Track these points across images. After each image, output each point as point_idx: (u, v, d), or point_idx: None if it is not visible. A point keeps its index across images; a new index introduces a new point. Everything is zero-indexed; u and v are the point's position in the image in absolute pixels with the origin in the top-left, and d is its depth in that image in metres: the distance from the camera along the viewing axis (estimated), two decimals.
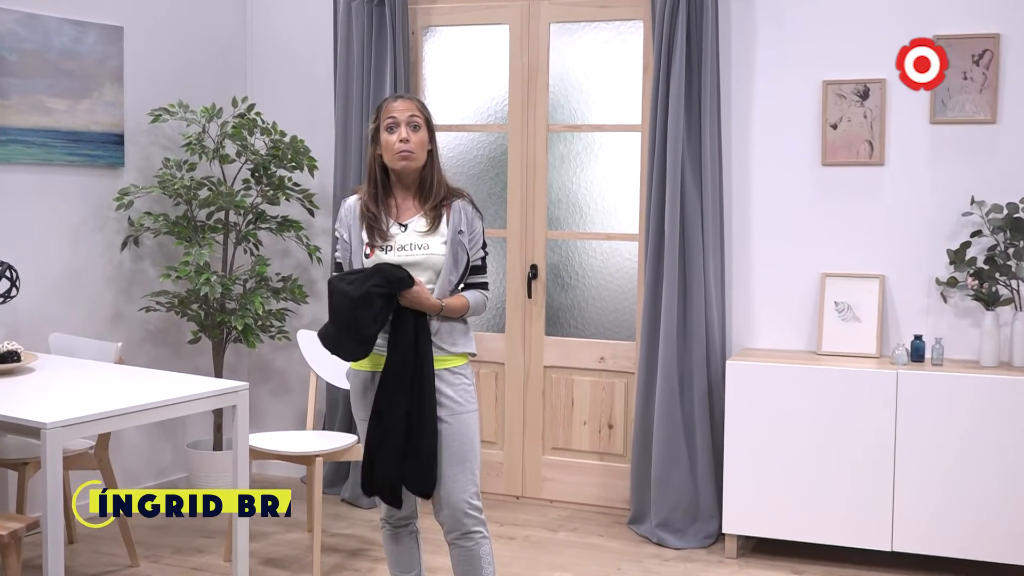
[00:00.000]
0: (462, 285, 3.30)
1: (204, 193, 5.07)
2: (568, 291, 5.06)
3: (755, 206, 4.61)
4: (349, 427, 5.06)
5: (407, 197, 3.30)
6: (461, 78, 5.21)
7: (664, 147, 4.54)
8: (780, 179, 4.57)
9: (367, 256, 3.22)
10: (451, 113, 5.21)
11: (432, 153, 3.30)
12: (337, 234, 3.35)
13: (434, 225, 3.25)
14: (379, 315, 3.10)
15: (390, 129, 3.24)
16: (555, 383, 5.02)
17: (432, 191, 3.28)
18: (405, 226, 3.26)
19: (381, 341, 3.22)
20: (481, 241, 3.34)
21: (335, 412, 5.14)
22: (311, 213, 5.16)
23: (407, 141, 3.22)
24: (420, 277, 3.22)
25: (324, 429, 5.20)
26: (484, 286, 3.37)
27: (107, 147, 4.84)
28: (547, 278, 5.05)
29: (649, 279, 4.60)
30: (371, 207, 3.26)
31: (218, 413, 5.08)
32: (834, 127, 4.46)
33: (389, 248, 3.22)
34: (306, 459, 4.26)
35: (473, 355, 3.33)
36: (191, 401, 3.52)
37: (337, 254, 3.35)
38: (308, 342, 4.80)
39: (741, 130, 4.61)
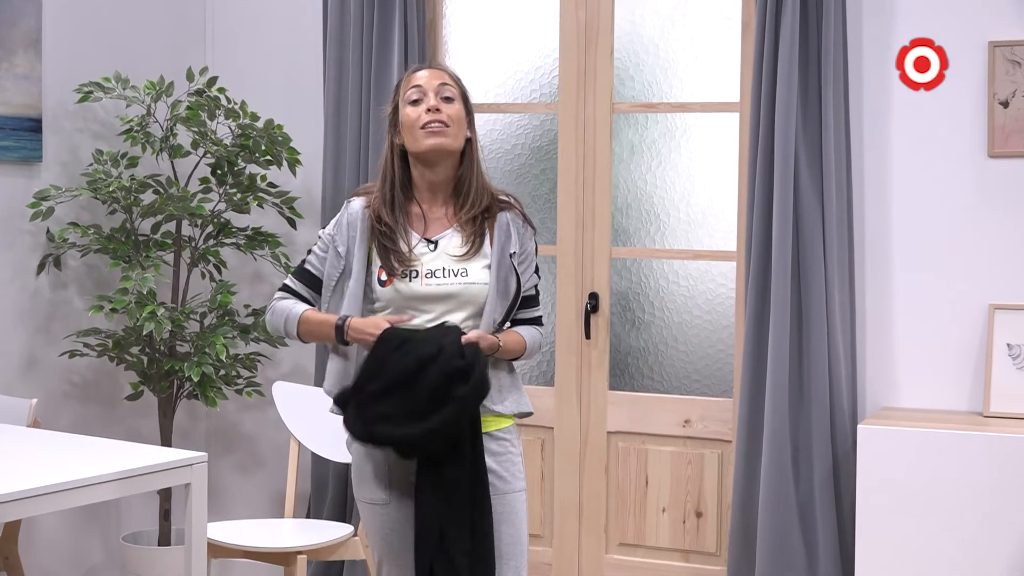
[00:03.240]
0: (508, 322, 3.32)
1: (149, 197, 5.09)
2: (641, 329, 5.03)
3: (895, 213, 4.58)
4: (343, 514, 5.04)
5: (436, 204, 3.30)
6: (495, 42, 5.22)
7: (771, 134, 4.52)
8: (930, 176, 4.54)
9: (383, 284, 3.22)
10: (482, 89, 5.21)
11: (471, 143, 3.30)
12: (325, 237, 3.31)
13: (474, 245, 3.24)
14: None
15: (414, 102, 3.24)
16: (623, 455, 4.99)
17: (471, 197, 3.27)
18: (434, 243, 3.26)
19: None
20: (534, 264, 3.36)
21: (323, 494, 5.13)
22: (292, 224, 5.17)
23: (437, 111, 3.21)
24: (457, 315, 3.22)
25: (308, 517, 5.19)
26: (538, 321, 3.39)
27: (19, 136, 4.87)
28: (612, 312, 5.03)
29: (752, 313, 4.57)
30: (386, 218, 3.24)
31: (166, 495, 5.08)
32: (1005, 105, 4.42)
33: (414, 274, 3.21)
34: (284, 557, 4.25)
35: (527, 415, 3.36)
36: (130, 479, 3.51)
37: (315, 261, 3.31)
38: (287, 398, 4.79)
39: (876, 110, 4.58)
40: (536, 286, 3.37)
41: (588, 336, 5.01)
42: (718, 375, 4.93)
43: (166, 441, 5.05)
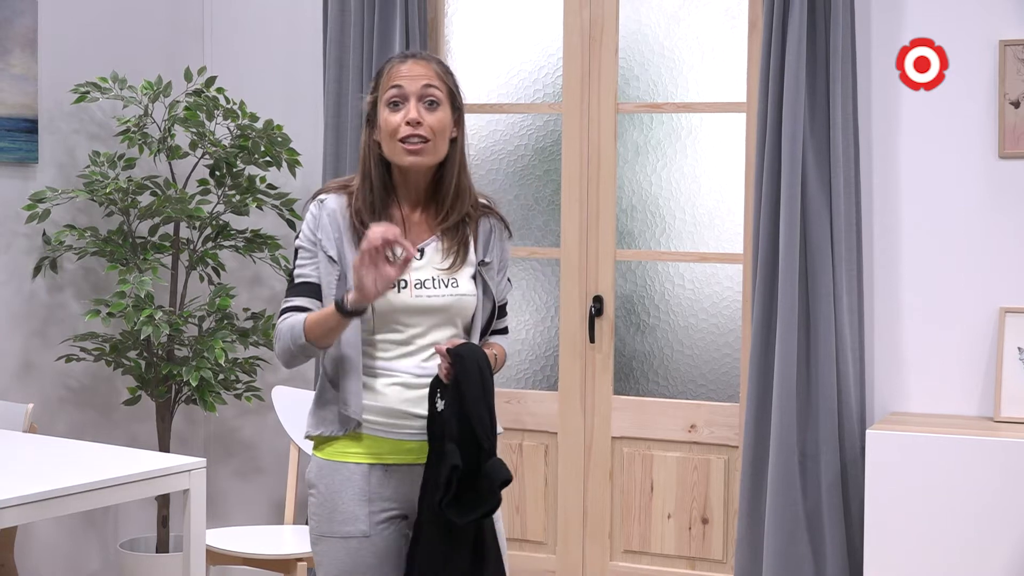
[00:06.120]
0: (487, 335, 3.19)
1: (146, 199, 5.09)
2: (646, 333, 5.03)
3: (905, 215, 4.58)
4: None
5: (416, 208, 3.11)
6: (497, 42, 5.22)
7: (778, 134, 4.53)
8: (940, 177, 4.54)
9: None
10: (484, 89, 5.21)
11: (457, 144, 3.10)
12: (306, 244, 3.07)
13: (460, 254, 3.08)
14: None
15: (393, 104, 3.02)
16: (628, 460, 5.00)
17: (452, 202, 3.08)
18: (421, 251, 3.07)
19: (384, 418, 3.05)
20: (507, 271, 3.21)
21: None
22: (292, 226, 5.17)
23: (418, 123, 3.00)
24: (445, 330, 3.06)
25: (308, 524, 5.18)
26: (506, 331, 3.27)
27: (15, 136, 4.87)
28: (616, 315, 5.03)
29: (758, 316, 4.57)
30: (369, 221, 3.02)
31: (164, 501, 5.08)
32: (1016, 105, 4.42)
33: (402, 284, 3.01)
34: (284, 564, 4.25)
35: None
36: (127, 484, 3.51)
37: (306, 270, 3.05)
38: (287, 403, 4.79)
39: (884, 110, 4.58)
40: (506, 295, 3.23)
41: (592, 340, 5.01)
42: (724, 379, 4.93)
43: (164, 446, 5.04)
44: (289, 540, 4.46)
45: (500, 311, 3.20)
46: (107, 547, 5.30)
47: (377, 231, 2.81)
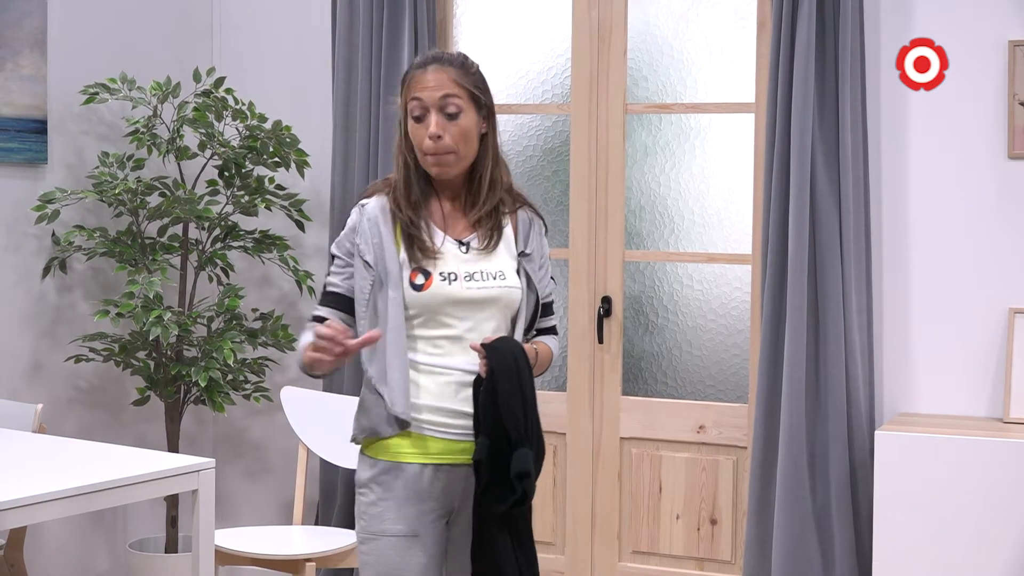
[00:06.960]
0: (533, 331, 3.22)
1: (155, 199, 5.10)
2: (654, 334, 5.04)
3: (913, 215, 4.58)
4: (352, 521, 5.03)
5: (456, 200, 3.16)
6: (506, 42, 5.23)
7: (787, 135, 4.53)
8: (949, 178, 4.53)
9: (419, 288, 3.03)
10: (493, 90, 5.16)
11: (488, 140, 3.14)
12: (343, 251, 3.12)
13: (494, 238, 3.12)
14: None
15: (416, 118, 3.08)
16: (636, 461, 5.00)
17: (481, 195, 3.12)
18: (465, 244, 3.11)
19: (438, 418, 3.08)
20: (549, 268, 3.25)
21: (332, 500, 5.14)
22: (300, 227, 5.18)
23: (439, 138, 3.04)
24: (492, 323, 3.09)
25: (317, 524, 5.19)
26: (555, 330, 3.29)
27: (24, 137, 4.88)
28: (625, 316, 5.03)
29: (768, 317, 4.57)
30: (411, 216, 3.08)
31: (172, 501, 5.09)
32: None
33: (453, 277, 3.05)
34: (293, 565, 4.26)
35: None
36: (136, 485, 3.52)
37: (336, 279, 3.12)
38: (296, 403, 4.79)
39: (893, 111, 4.58)
40: (551, 292, 3.26)
41: (601, 340, 5.01)
42: (733, 380, 4.93)
43: (173, 447, 5.05)
44: (298, 540, 4.46)
45: (545, 309, 3.23)
46: (116, 547, 5.31)
47: (323, 332, 2.89)
